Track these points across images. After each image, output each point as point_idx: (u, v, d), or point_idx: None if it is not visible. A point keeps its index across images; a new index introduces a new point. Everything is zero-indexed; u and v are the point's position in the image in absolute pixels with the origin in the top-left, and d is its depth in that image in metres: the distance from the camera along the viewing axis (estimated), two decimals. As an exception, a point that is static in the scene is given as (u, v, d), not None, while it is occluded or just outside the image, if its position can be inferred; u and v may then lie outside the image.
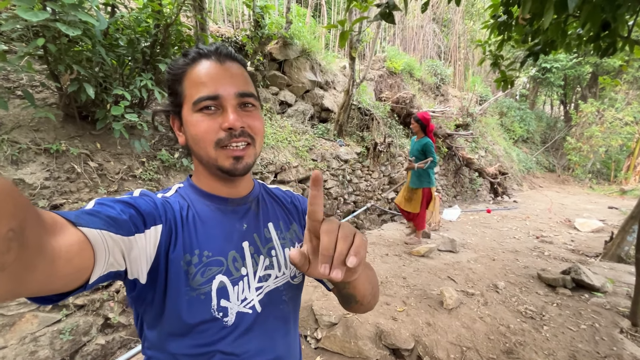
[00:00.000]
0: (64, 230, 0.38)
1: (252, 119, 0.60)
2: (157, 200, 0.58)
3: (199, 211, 0.61)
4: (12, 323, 1.85)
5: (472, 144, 8.63)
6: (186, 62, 0.59)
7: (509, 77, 3.24)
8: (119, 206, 0.50)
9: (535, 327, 2.25)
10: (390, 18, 1.46)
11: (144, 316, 0.58)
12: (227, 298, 0.58)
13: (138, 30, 2.55)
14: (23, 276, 0.29)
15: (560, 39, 2.53)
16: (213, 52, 0.59)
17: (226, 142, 0.57)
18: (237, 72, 0.60)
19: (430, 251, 3.62)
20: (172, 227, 0.56)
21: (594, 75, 13.83)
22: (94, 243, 0.41)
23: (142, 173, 2.57)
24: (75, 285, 0.41)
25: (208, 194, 0.64)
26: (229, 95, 0.57)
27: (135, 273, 0.52)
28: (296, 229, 0.73)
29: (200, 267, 0.56)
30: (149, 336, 0.59)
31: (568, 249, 4.21)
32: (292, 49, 4.78)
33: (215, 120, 0.57)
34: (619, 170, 12.84)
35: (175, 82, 0.60)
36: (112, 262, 0.45)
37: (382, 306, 2.45)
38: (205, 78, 0.57)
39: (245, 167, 0.60)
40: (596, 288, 2.75)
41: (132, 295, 0.55)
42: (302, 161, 4.09)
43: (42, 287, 0.35)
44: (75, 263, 0.38)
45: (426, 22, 10.43)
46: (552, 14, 1.27)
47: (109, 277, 0.47)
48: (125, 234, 0.48)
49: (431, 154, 3.71)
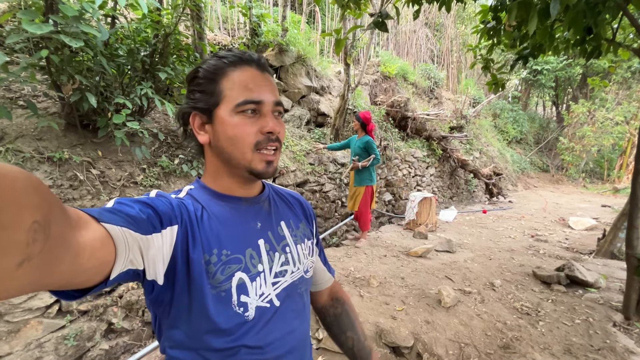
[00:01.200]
0: (88, 225, 0.40)
1: (281, 127, 0.64)
2: (173, 201, 0.59)
3: (215, 211, 0.63)
4: (17, 329, 1.88)
5: (467, 145, 8.75)
6: (226, 63, 0.61)
7: (499, 80, 3.33)
8: (137, 206, 0.52)
9: (531, 323, 2.31)
10: (383, 27, 1.53)
11: (162, 318, 0.60)
12: (247, 294, 0.61)
13: (138, 40, 2.61)
14: (49, 268, 0.30)
15: (548, 43, 2.63)
16: (255, 60, 0.63)
17: (263, 145, 0.61)
18: (273, 83, 0.65)
19: (427, 252, 3.68)
20: (188, 228, 0.57)
21: (584, 76, 14.09)
22: (115, 239, 0.43)
23: (143, 180, 2.61)
24: (96, 281, 0.42)
25: (221, 194, 0.66)
26: (269, 103, 0.62)
27: (153, 274, 0.53)
28: (305, 226, 0.78)
29: (220, 265, 0.58)
30: (172, 336, 0.60)
31: (562, 247, 4.29)
32: (287, 56, 4.86)
33: (255, 124, 0.61)
34: (611, 169, 13.04)
35: (211, 81, 0.61)
36: (131, 258, 0.47)
37: (382, 306, 2.49)
38: (251, 82, 0.61)
39: (274, 171, 0.65)
40: (590, 284, 2.82)
41: (151, 297, 0.57)
42: (299, 165, 4.15)
43: (67, 280, 0.36)
44: (98, 257, 0.40)
45: (419, 27, 10.61)
46: (537, 20, 1.35)
47: (129, 275, 0.48)
48: (143, 232, 0.49)
49: (373, 151, 3.80)
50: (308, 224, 0.80)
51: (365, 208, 3.95)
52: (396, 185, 5.90)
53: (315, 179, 4.36)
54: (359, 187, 3.94)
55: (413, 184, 6.42)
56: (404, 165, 6.18)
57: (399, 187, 5.96)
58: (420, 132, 6.70)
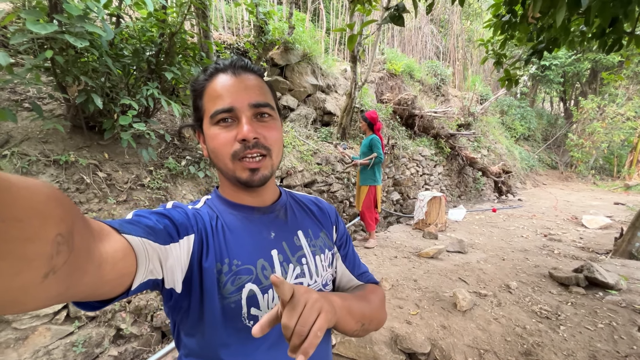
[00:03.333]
0: (110, 236, 0.40)
1: (267, 130, 0.60)
2: (188, 211, 0.59)
3: (227, 221, 0.62)
4: (25, 337, 1.84)
5: (475, 143, 8.62)
6: (205, 78, 0.61)
7: (513, 76, 3.24)
8: (154, 217, 0.52)
9: (551, 328, 2.22)
10: (400, 21, 1.46)
11: (180, 325, 0.59)
12: (257, 306, 0.58)
13: (143, 39, 2.56)
14: (73, 279, 0.30)
15: (564, 37, 2.53)
16: (229, 65, 0.60)
17: (241, 155, 0.58)
18: (252, 83, 0.60)
19: (439, 252, 3.60)
20: (203, 237, 0.57)
21: (593, 71, 13.85)
22: (136, 250, 0.43)
23: (150, 182, 2.56)
24: (118, 292, 0.42)
25: (234, 203, 0.65)
26: (243, 107, 0.58)
27: (171, 282, 0.53)
28: (326, 236, 0.73)
29: (230, 275, 0.57)
30: (188, 344, 0.59)
31: (577, 247, 4.18)
32: (293, 54, 4.79)
33: (231, 133, 0.58)
34: (621, 165, 12.80)
35: (197, 97, 0.62)
36: (151, 269, 0.47)
37: (395, 309, 2.42)
38: (221, 91, 0.58)
39: (262, 179, 0.60)
40: (610, 286, 2.72)
41: (170, 305, 0.56)
42: (307, 165, 4.08)
43: (91, 291, 0.36)
44: (120, 268, 0.40)
45: (424, 24, 10.47)
46: (565, 11, 1.27)
47: (148, 285, 0.49)
48: (162, 242, 0.49)
49: (377, 150, 3.73)
50: (329, 231, 0.75)
51: (367, 208, 3.88)
52: (404, 184, 5.81)
53: (322, 179, 4.29)
54: (363, 186, 3.90)
55: (421, 182, 6.32)
56: (412, 164, 6.09)
57: (406, 186, 5.87)
58: (427, 130, 6.60)
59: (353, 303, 0.62)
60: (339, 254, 0.75)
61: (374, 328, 0.69)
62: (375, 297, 0.71)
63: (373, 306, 0.68)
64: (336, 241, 0.76)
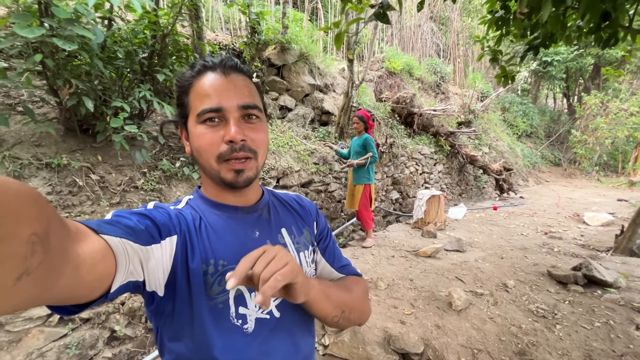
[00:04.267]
0: (88, 237, 0.39)
1: (254, 132, 0.60)
2: (170, 212, 0.58)
3: (211, 221, 0.62)
4: (19, 339, 1.85)
5: (475, 140, 8.56)
6: (192, 75, 0.60)
7: (509, 72, 3.20)
8: (135, 217, 0.51)
9: (547, 327, 2.20)
10: (384, 18, 1.44)
11: (163, 330, 0.58)
12: (245, 305, 0.59)
13: (135, 41, 2.56)
14: (49, 282, 0.29)
15: (560, 32, 2.50)
16: (218, 64, 0.60)
17: (227, 157, 0.57)
18: (241, 84, 0.60)
19: (436, 251, 3.58)
20: (187, 238, 0.57)
21: (596, 66, 13.70)
22: (115, 251, 0.42)
23: (144, 184, 2.57)
24: (97, 294, 0.41)
25: (217, 203, 0.64)
26: (231, 107, 0.57)
27: (153, 285, 0.52)
28: (308, 232, 0.74)
29: (217, 276, 0.56)
30: (174, 349, 0.58)
31: (578, 244, 4.14)
32: (290, 54, 4.79)
33: (217, 133, 0.57)
34: (626, 161, 12.65)
35: (183, 93, 0.61)
36: (131, 270, 0.46)
37: (390, 309, 2.41)
38: (210, 90, 0.58)
39: (247, 180, 0.60)
40: (609, 284, 2.69)
41: (151, 309, 0.56)
42: (304, 165, 4.08)
43: (68, 294, 0.35)
44: (99, 269, 0.39)
45: (424, 21, 10.42)
46: (550, 6, 1.25)
47: (129, 287, 0.48)
48: (143, 243, 0.48)
49: (371, 149, 3.71)
50: (311, 227, 0.75)
51: (364, 207, 3.87)
52: (403, 183, 5.79)
53: (320, 178, 4.29)
54: (358, 185, 3.87)
55: (421, 181, 6.29)
56: (411, 162, 6.06)
57: (406, 184, 5.85)
58: (427, 128, 6.56)
59: (332, 289, 0.63)
60: (319, 247, 0.75)
61: (356, 319, 0.69)
62: (357, 287, 0.72)
63: (354, 296, 0.69)
64: (316, 236, 0.76)
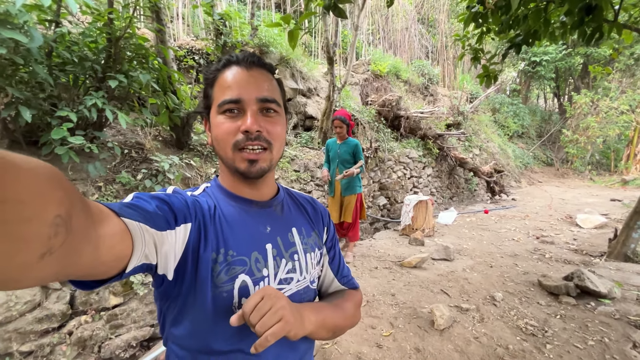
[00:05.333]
0: (109, 219, 0.40)
1: (271, 125, 0.61)
2: (188, 199, 0.59)
3: (225, 211, 0.63)
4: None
5: (466, 142, 8.43)
6: (217, 68, 0.62)
7: (491, 72, 3.06)
8: (154, 202, 0.52)
9: (537, 347, 2.01)
10: (337, 11, 1.27)
11: (167, 313, 0.60)
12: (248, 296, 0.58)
13: (90, 45, 2.37)
14: (69, 260, 0.31)
15: (543, 29, 2.35)
16: (242, 59, 0.61)
17: (242, 145, 0.58)
18: (263, 79, 0.62)
19: (422, 261, 3.39)
20: (201, 226, 0.58)
21: (585, 66, 13.73)
22: (133, 234, 0.44)
23: (98, 199, 2.35)
24: (113, 273, 0.43)
25: (233, 194, 0.65)
26: (250, 100, 0.59)
27: (164, 269, 0.54)
28: (317, 235, 0.74)
29: (225, 265, 0.58)
30: (177, 332, 0.59)
31: (570, 249, 3.97)
32: (269, 57, 4.62)
33: (235, 123, 0.59)
34: (618, 160, 12.63)
35: (208, 85, 0.63)
36: (146, 253, 0.48)
37: (367, 330, 2.21)
38: (231, 82, 0.60)
39: (260, 171, 0.60)
40: (603, 294, 2.51)
41: (159, 291, 0.58)
42: (282, 173, 3.89)
43: (87, 272, 0.37)
44: (117, 251, 0.41)
45: (411, 24, 10.34)
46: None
47: (142, 268, 0.50)
48: (159, 228, 0.50)
49: (361, 156, 3.41)
50: (320, 231, 0.76)
51: (357, 218, 3.63)
52: (391, 188, 5.61)
53: (300, 186, 4.09)
54: (350, 195, 3.51)
55: (409, 185, 6.12)
56: (399, 166, 5.89)
57: (393, 189, 5.67)
58: (414, 131, 6.41)
59: (328, 315, 0.66)
60: (328, 255, 0.77)
61: (343, 333, 0.72)
62: (350, 304, 0.74)
63: (347, 314, 0.71)
64: (326, 242, 0.78)
